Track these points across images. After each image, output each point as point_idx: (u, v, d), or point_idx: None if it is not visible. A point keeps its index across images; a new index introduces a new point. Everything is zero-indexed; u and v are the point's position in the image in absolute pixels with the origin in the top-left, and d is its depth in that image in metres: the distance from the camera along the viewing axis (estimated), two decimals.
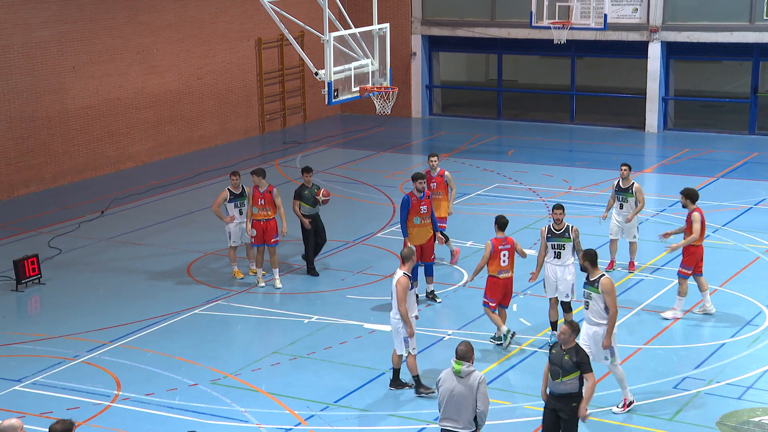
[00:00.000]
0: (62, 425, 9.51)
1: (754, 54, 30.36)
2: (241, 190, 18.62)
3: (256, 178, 18.25)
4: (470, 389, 10.91)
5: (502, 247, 15.23)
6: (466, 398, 10.93)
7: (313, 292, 18.22)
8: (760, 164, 27.03)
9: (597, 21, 27.77)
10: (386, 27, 19.67)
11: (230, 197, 18.60)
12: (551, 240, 15.52)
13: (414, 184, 17.09)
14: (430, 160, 19.07)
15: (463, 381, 10.95)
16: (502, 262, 15.23)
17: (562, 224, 15.51)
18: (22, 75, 24.63)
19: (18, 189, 24.91)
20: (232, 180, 18.67)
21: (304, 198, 18.69)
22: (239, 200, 18.60)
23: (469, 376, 10.94)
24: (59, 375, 14.92)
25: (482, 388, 10.93)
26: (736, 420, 13.31)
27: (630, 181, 18.47)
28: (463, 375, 10.94)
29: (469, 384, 10.93)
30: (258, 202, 18.28)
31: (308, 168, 18.96)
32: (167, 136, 28.74)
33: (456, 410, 10.98)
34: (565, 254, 15.44)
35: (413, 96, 34.23)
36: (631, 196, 18.43)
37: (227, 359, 15.40)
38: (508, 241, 15.31)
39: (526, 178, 25.47)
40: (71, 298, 18.21)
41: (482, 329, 16.19)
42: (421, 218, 16.95)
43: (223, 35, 30.07)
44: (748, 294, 17.63)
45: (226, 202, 18.61)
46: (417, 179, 17.06)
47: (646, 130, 31.27)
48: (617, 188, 18.58)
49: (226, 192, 18.63)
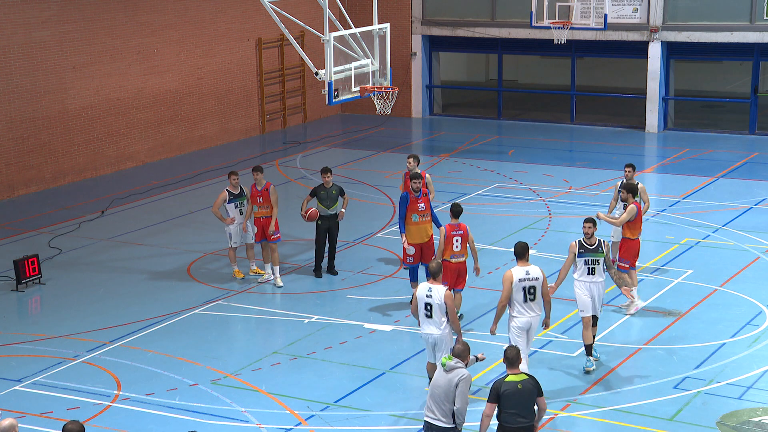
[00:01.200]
0: (77, 426, 9.52)
1: (755, 54, 30.36)
2: (240, 190, 18.58)
3: (258, 175, 18.29)
4: (449, 384, 11.01)
5: (455, 233, 15.78)
6: (444, 392, 11.04)
7: (313, 292, 18.21)
8: (760, 164, 27.03)
9: (597, 21, 27.77)
10: (386, 27, 19.67)
11: (229, 198, 18.53)
12: (584, 255, 14.69)
13: (411, 183, 17.16)
14: (408, 160, 18.74)
15: (445, 375, 11.06)
16: (455, 248, 15.78)
17: (593, 238, 14.87)
18: (22, 75, 24.63)
19: (18, 189, 24.91)
20: (231, 180, 18.60)
21: (320, 198, 18.59)
22: (239, 200, 18.54)
23: (451, 371, 11.04)
24: (59, 375, 14.92)
25: (462, 387, 10.98)
26: (736, 420, 13.31)
27: (634, 182, 18.22)
28: (447, 369, 11.06)
29: (448, 378, 11.03)
30: (257, 200, 18.33)
31: (327, 168, 18.71)
32: (167, 136, 28.74)
33: (434, 401, 11.12)
34: (599, 269, 14.78)
35: (413, 96, 34.23)
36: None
37: (227, 359, 15.40)
38: (461, 227, 15.83)
39: (526, 178, 25.47)
40: (71, 298, 18.22)
41: (483, 329, 16.19)
42: (420, 216, 16.98)
43: (223, 35, 30.08)
44: (748, 294, 17.63)
45: (226, 203, 18.54)
46: (414, 178, 17.15)
47: (647, 130, 31.27)
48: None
49: (225, 193, 18.56)
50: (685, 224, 21.52)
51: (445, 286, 13.39)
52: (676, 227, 21.36)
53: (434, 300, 13.14)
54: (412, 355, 15.41)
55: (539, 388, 11.06)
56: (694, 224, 21.47)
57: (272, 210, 18.36)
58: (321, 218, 18.60)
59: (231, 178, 18.65)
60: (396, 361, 15.21)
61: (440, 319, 13.20)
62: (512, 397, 10.89)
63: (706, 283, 18.11)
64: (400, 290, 18.07)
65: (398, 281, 18.57)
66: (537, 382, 11.08)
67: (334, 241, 18.96)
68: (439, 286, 13.21)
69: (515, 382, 10.94)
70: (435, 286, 13.19)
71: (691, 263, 19.12)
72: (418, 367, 14.81)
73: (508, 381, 10.95)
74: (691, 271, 18.68)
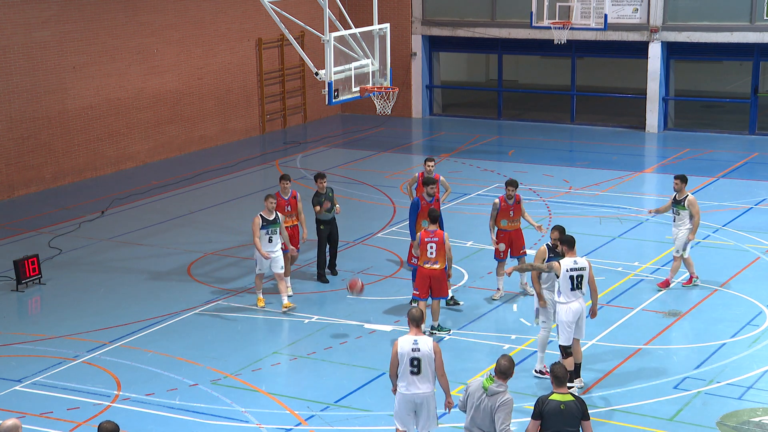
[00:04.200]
0: (112, 425, 9.51)
1: (755, 54, 30.36)
2: (275, 216, 17.06)
3: (287, 184, 17.85)
4: (491, 409, 10.57)
5: (429, 239, 15.59)
6: (484, 417, 10.62)
7: (313, 293, 18.21)
8: (760, 164, 27.03)
9: (597, 21, 27.78)
10: (386, 27, 19.67)
11: (262, 223, 17.03)
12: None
13: (425, 189, 17.22)
14: (426, 164, 18.85)
15: (485, 400, 10.63)
16: (429, 254, 15.60)
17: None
18: (22, 75, 24.63)
19: (18, 189, 24.91)
20: (267, 204, 17.02)
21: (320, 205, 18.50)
22: (271, 227, 17.04)
23: (493, 396, 10.58)
24: (59, 375, 14.92)
25: (501, 412, 10.49)
26: (736, 420, 13.31)
27: (684, 193, 17.77)
28: (489, 394, 10.61)
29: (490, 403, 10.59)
30: (284, 210, 17.75)
31: (321, 174, 18.61)
32: (167, 137, 28.74)
33: (476, 426, 10.70)
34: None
35: (413, 96, 34.23)
36: (683, 208, 17.72)
37: (227, 359, 15.40)
38: (437, 234, 15.62)
39: (526, 178, 25.45)
40: (71, 298, 18.22)
41: (483, 329, 16.20)
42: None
43: (223, 35, 30.08)
44: (748, 294, 17.63)
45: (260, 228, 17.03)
46: (428, 184, 17.13)
47: (647, 130, 31.27)
48: (674, 200, 17.91)
49: (258, 219, 16.99)
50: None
51: (431, 337, 12.21)
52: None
53: (422, 353, 11.44)
54: None
55: (585, 412, 10.38)
56: None
57: (300, 217, 18.08)
58: (322, 223, 18.58)
59: (267, 201, 17.01)
60: None
61: (430, 374, 11.52)
62: (553, 417, 10.28)
63: (706, 283, 18.11)
64: (400, 290, 18.07)
65: (398, 281, 18.57)
66: (584, 405, 10.40)
67: (336, 244, 18.95)
68: (425, 337, 11.61)
69: (559, 402, 10.32)
70: (420, 338, 11.55)
71: None
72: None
73: (552, 399, 10.35)
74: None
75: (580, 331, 14.08)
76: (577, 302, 13.96)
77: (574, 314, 13.92)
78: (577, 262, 13.92)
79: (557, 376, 10.45)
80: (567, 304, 13.93)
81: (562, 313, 13.96)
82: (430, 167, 18.70)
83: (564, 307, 13.95)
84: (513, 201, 17.43)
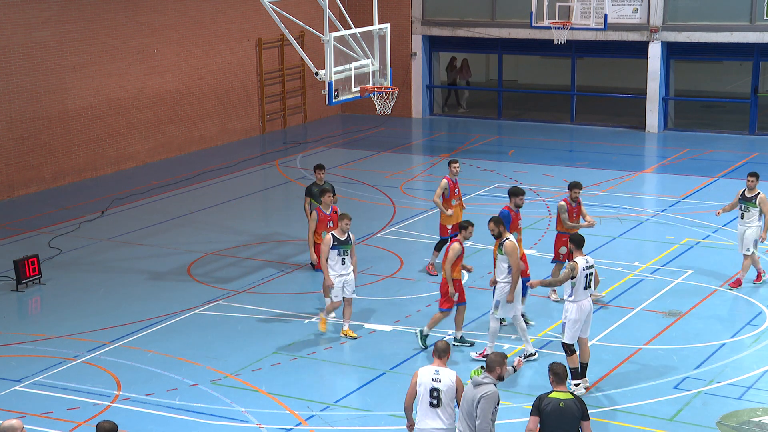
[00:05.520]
0: (110, 424, 9.52)
1: (755, 54, 30.35)
2: (347, 236, 15.75)
3: (330, 198, 17.18)
4: (473, 400, 10.54)
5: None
6: (468, 408, 10.59)
7: (313, 293, 18.20)
8: (760, 164, 26.97)
9: (597, 21, 27.77)
10: (386, 27, 19.66)
11: (333, 243, 15.77)
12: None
13: (514, 200, 16.44)
14: (452, 166, 18.67)
15: (471, 390, 10.61)
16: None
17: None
18: (22, 75, 24.63)
19: (18, 189, 24.91)
20: (342, 224, 15.71)
21: (314, 196, 18.53)
22: (343, 248, 15.72)
23: (477, 387, 10.56)
24: (59, 375, 14.92)
25: (483, 404, 10.42)
26: (736, 420, 13.31)
27: (756, 191, 17.63)
28: (474, 384, 10.60)
29: (473, 393, 10.56)
30: (326, 225, 17.08)
31: (320, 165, 18.66)
32: (167, 137, 28.74)
33: (463, 416, 10.67)
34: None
35: (413, 96, 34.23)
36: (754, 206, 17.53)
37: (227, 359, 15.40)
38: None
39: (526, 178, 25.46)
40: (71, 298, 18.21)
41: (483, 329, 16.18)
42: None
43: (223, 35, 30.08)
44: (748, 294, 17.63)
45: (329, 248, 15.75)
46: (518, 195, 16.47)
47: (647, 130, 31.27)
48: (741, 197, 17.73)
49: (329, 237, 15.68)
50: (685, 224, 21.53)
51: (453, 371, 11.21)
52: (676, 227, 21.36)
53: (443, 384, 10.89)
54: (412, 355, 15.41)
55: (585, 412, 10.26)
56: (694, 224, 21.47)
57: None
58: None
59: (343, 222, 15.71)
60: (396, 361, 15.21)
61: (450, 409, 10.94)
62: (552, 415, 10.18)
63: (706, 283, 18.12)
64: (400, 290, 18.07)
65: (398, 281, 18.57)
66: (584, 405, 10.28)
67: None
68: (448, 370, 11.08)
69: (558, 400, 10.23)
70: (443, 369, 11.03)
71: (691, 263, 19.12)
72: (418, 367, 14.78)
73: (551, 397, 10.27)
74: (691, 271, 18.68)
75: (587, 329, 14.12)
76: (586, 300, 14.07)
77: (584, 312, 13.99)
78: (588, 261, 14.09)
79: (557, 373, 10.44)
80: (578, 302, 14.01)
81: (572, 311, 13.99)
82: (455, 169, 18.66)
83: (574, 305, 14.00)
84: (576, 204, 17.29)
